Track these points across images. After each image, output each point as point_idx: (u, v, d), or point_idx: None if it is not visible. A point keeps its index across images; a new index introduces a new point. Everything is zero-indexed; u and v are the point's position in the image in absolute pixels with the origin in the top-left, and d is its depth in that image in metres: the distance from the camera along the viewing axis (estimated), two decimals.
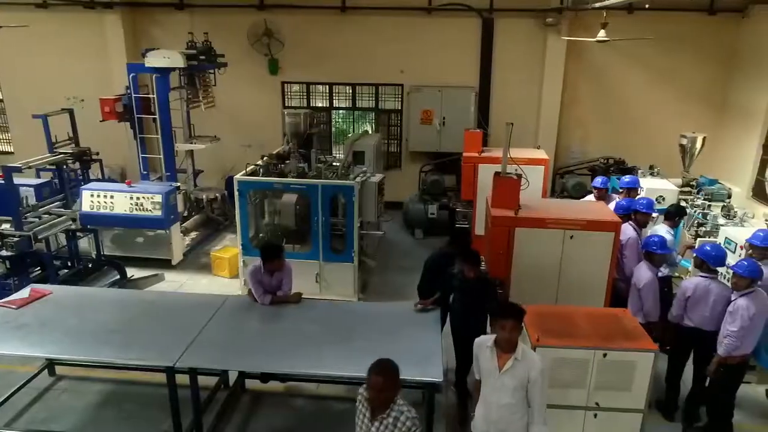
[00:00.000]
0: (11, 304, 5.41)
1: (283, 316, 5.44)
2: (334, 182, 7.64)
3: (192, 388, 4.77)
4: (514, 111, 11.40)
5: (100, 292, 6.37)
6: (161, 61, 9.32)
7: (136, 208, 8.62)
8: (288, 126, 9.09)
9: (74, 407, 5.71)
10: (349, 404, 5.82)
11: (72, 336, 4.99)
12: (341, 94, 12.17)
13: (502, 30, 11.07)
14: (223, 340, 4.98)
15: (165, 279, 7.68)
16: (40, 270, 7.23)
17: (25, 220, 6.80)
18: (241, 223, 7.84)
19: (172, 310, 5.53)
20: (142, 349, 4.83)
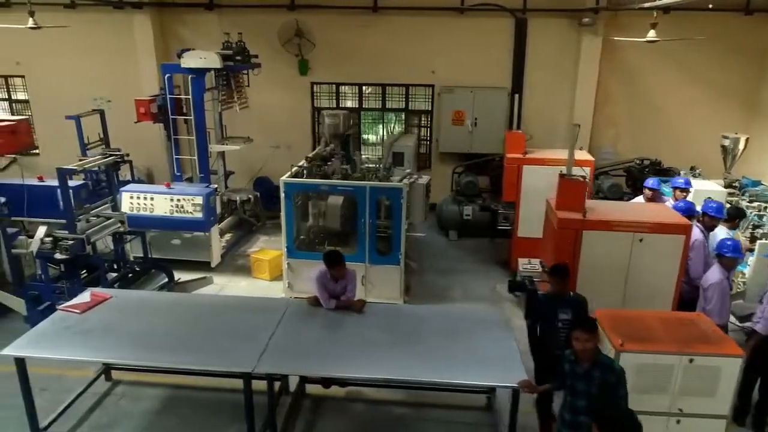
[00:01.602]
0: (74, 308, 5.35)
1: (347, 321, 5.38)
2: (382, 184, 7.57)
3: (269, 394, 4.70)
4: (546, 111, 11.41)
5: (159, 296, 6.32)
6: (197, 61, 9.25)
7: (176, 210, 8.55)
8: (327, 127, 9.01)
9: (134, 413, 5.64)
10: (408, 409, 5.81)
11: (140, 341, 4.94)
12: (371, 94, 12.09)
13: (535, 30, 11.00)
14: (294, 345, 4.92)
15: (213, 282, 7.60)
16: (86, 273, 7.17)
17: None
18: (286, 226, 7.76)
19: (235, 315, 5.46)
20: (214, 354, 4.76)
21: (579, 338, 3.91)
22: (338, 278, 5.55)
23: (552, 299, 4.98)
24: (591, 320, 4.12)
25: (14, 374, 6.06)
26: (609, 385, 3.91)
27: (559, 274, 4.88)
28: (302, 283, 7.89)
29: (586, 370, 3.98)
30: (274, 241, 10.50)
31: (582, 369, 4.00)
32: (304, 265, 7.91)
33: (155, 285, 7.22)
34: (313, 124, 12.40)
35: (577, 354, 3.99)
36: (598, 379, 3.93)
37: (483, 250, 10.16)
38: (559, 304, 4.89)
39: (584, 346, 3.91)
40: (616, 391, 3.92)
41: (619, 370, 3.98)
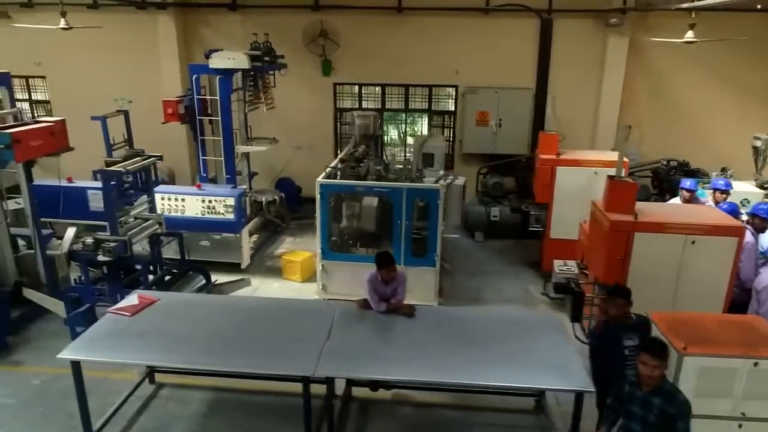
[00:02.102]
0: (124, 311, 5.31)
1: (398, 324, 5.35)
2: (420, 185, 7.55)
3: (327, 398, 4.67)
4: (570, 112, 11.36)
5: (205, 299, 6.28)
6: (225, 62, 9.21)
7: (208, 211, 8.55)
8: (357, 127, 8.97)
9: (182, 416, 5.60)
10: (457, 412, 5.77)
11: (193, 344, 4.90)
12: (393, 95, 12.05)
13: (560, 30, 10.96)
14: (349, 348, 4.88)
15: (251, 284, 7.57)
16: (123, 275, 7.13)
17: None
18: (321, 227, 7.72)
19: (285, 317, 5.43)
20: (270, 357, 4.73)
21: (647, 363, 3.68)
22: (388, 280, 5.51)
23: (614, 325, 4.55)
24: (661, 344, 3.86)
25: (58, 377, 6.10)
26: (668, 415, 3.69)
27: (624, 294, 4.50)
28: (336, 284, 7.89)
29: (646, 394, 3.76)
30: (300, 243, 10.49)
31: (642, 393, 3.79)
32: (338, 267, 7.90)
33: (193, 287, 7.19)
34: (335, 124, 12.37)
35: (640, 378, 3.79)
36: (657, 408, 3.71)
37: (510, 251, 10.13)
38: (623, 330, 4.50)
39: (651, 373, 3.68)
40: (673, 422, 3.69)
41: (682, 401, 3.72)
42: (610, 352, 4.49)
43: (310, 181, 12.27)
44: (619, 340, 4.47)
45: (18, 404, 5.71)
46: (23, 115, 6.91)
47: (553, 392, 5.54)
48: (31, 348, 6.73)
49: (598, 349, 4.62)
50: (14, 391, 5.90)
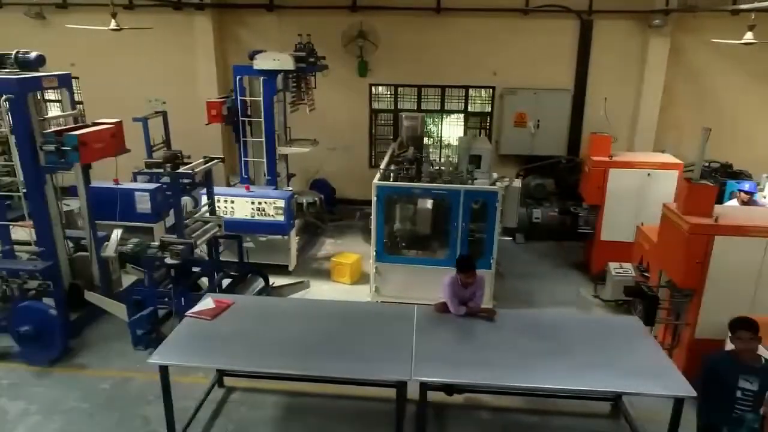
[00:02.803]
0: (204, 315, 5.27)
1: (478, 328, 5.31)
2: (478, 187, 7.51)
3: (420, 403, 4.63)
4: (609, 113, 11.30)
5: (279, 302, 6.25)
6: (270, 63, 9.16)
7: (257, 213, 8.51)
8: (405, 129, 8.93)
9: (258, 421, 5.56)
10: (533, 417, 5.73)
11: (279, 348, 4.90)
12: (429, 96, 12.01)
13: (600, 31, 10.93)
14: (438, 352, 4.85)
15: (310, 286, 7.52)
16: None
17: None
18: (377, 229, 7.68)
19: (364, 321, 5.39)
20: (359, 361, 4.70)
21: None
22: (467, 284, 5.47)
23: (735, 360, 4.07)
24: None
25: (125, 380, 6.09)
26: None
27: (749, 326, 3.98)
28: (389, 287, 7.85)
29: None
30: (341, 244, 10.46)
31: None
32: (392, 269, 7.86)
33: (253, 290, 7.14)
34: (370, 125, 12.33)
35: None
36: None
37: (553, 253, 10.09)
38: (742, 368, 4.01)
39: None
40: None
41: None
42: (720, 387, 4.07)
43: (344, 182, 12.36)
44: (735, 376, 4.01)
45: (92, 409, 5.67)
46: (84, 117, 6.83)
47: (630, 397, 5.51)
48: (93, 351, 6.69)
49: (713, 379, 4.12)
50: (86, 396, 5.85)
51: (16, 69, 6.53)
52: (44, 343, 6.23)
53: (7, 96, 5.95)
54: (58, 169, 6.55)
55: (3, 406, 5.69)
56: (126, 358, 6.54)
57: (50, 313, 6.21)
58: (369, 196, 12.38)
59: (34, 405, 5.70)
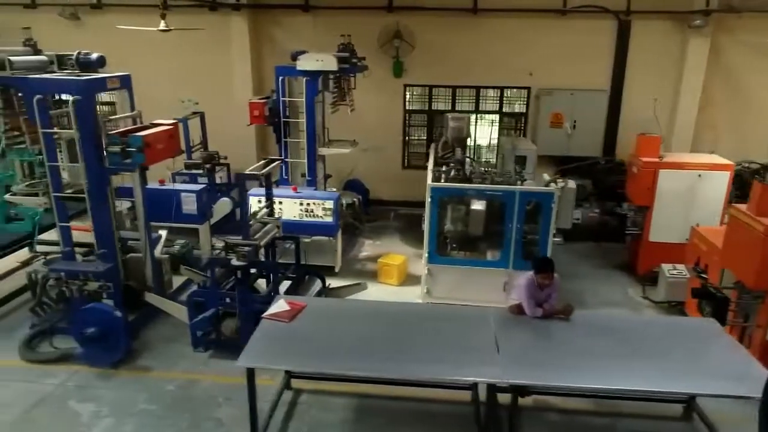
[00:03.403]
0: (281, 317, 5.26)
1: (554, 330, 5.29)
2: (534, 189, 7.50)
3: (512, 406, 4.61)
4: (646, 113, 11.27)
5: (351, 304, 6.26)
6: (313, 63, 9.14)
7: (306, 215, 8.49)
8: (451, 130, 8.90)
9: (330, 423, 5.54)
10: (604, 419, 5.70)
11: (359, 349, 4.90)
12: (464, 97, 11.99)
13: (638, 32, 10.90)
14: (522, 354, 4.83)
15: (367, 288, 7.50)
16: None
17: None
18: (430, 230, 7.66)
19: (438, 323, 5.35)
20: (442, 363, 4.69)
21: None
22: (544, 286, 5.46)
23: None
24: None
25: (190, 382, 6.08)
26: None
27: None
28: (441, 288, 7.83)
29: None
30: (379, 245, 10.44)
31: None
32: (443, 271, 7.85)
33: (312, 291, 7.12)
34: (404, 126, 12.31)
35: None
36: None
37: (594, 254, 10.07)
38: None
39: None
40: None
41: None
42: None
43: (377, 183, 12.34)
44: None
45: (161, 411, 5.65)
46: (142, 118, 6.83)
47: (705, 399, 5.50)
48: (153, 353, 6.68)
49: None
50: (153, 398, 5.84)
51: (76, 70, 6.51)
52: (108, 345, 6.22)
53: (75, 97, 5.93)
54: (121, 170, 6.53)
55: (74, 408, 5.68)
56: (188, 360, 6.53)
57: (115, 315, 6.20)
58: (402, 197, 12.57)
59: (104, 407, 5.68)
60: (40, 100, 5.95)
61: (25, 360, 6.42)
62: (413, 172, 12.56)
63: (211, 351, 6.68)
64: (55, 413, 5.59)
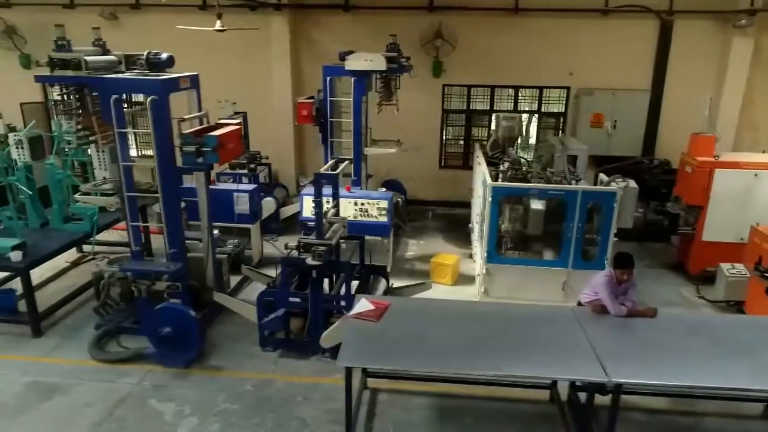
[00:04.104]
0: (368, 317, 5.25)
1: (639, 328, 5.28)
2: (596, 188, 7.51)
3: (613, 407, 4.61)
4: (686, 113, 11.27)
5: (429, 303, 6.22)
6: (362, 63, 9.15)
7: (360, 215, 8.48)
8: (503, 130, 8.92)
9: (414, 422, 5.53)
10: (689, 418, 5.70)
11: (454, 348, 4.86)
12: (502, 96, 12.00)
13: (680, 31, 10.90)
14: (619, 353, 4.81)
15: (431, 287, 7.50)
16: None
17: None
18: (490, 230, 7.66)
19: (525, 322, 5.34)
20: (537, 362, 4.68)
21: None
22: (622, 282, 5.46)
23: None
24: None
25: (266, 382, 6.10)
26: None
27: None
28: (498, 288, 7.83)
29: None
30: (423, 245, 10.45)
31: None
32: (500, 270, 7.85)
33: (379, 291, 7.11)
34: (442, 126, 12.32)
35: None
36: None
37: (640, 253, 9.91)
38: None
39: None
40: None
41: None
42: None
43: (414, 183, 12.33)
44: None
45: (244, 410, 5.64)
46: (209, 118, 6.83)
47: None
48: (222, 352, 6.67)
49: None
50: (232, 397, 5.83)
51: (146, 70, 6.50)
52: (182, 345, 6.21)
53: (152, 97, 5.93)
54: (194, 170, 6.53)
55: (155, 407, 5.68)
56: (258, 359, 6.54)
57: (190, 315, 6.19)
58: (439, 197, 12.58)
59: (185, 407, 5.68)
60: (116, 99, 5.96)
61: (96, 360, 6.42)
62: (450, 171, 12.60)
63: (279, 350, 6.69)
64: (139, 412, 5.59)
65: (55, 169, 7.86)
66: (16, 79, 12.39)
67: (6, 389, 5.92)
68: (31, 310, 6.86)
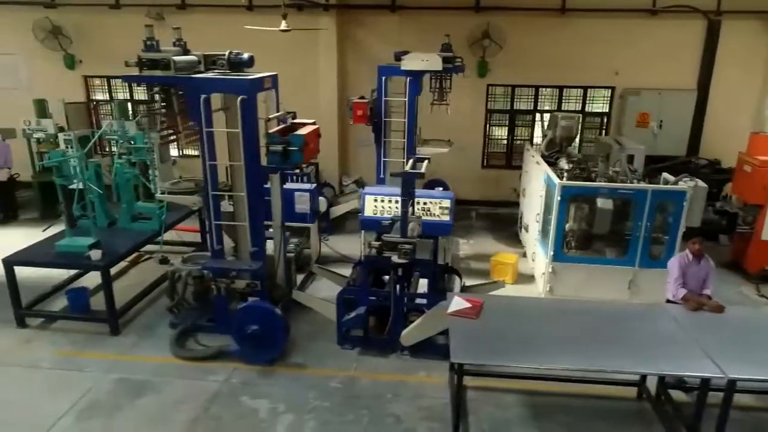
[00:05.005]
0: (467, 314, 5.29)
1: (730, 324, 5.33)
2: (666, 187, 7.54)
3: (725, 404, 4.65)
4: (732, 113, 11.34)
5: (521, 301, 6.25)
6: (419, 63, 9.18)
7: (423, 214, 8.48)
8: (561, 130, 8.96)
9: (509, 419, 5.56)
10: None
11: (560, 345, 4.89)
12: (546, 96, 12.04)
13: (727, 31, 10.95)
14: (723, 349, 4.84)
15: (505, 286, 7.54)
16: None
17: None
18: (557, 229, 7.70)
19: (619, 320, 5.39)
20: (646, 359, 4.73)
21: None
22: (696, 254, 5.72)
23: None
24: None
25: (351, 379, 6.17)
26: None
27: None
28: (564, 287, 7.87)
29: None
30: (474, 244, 10.50)
31: None
32: (566, 269, 7.89)
33: (456, 289, 7.14)
34: (485, 126, 12.36)
35: None
36: None
37: None
38: None
39: None
40: None
41: None
42: None
43: (456, 182, 12.34)
44: None
45: (336, 407, 5.68)
46: (295, 116, 6.87)
47: None
48: (301, 350, 6.70)
49: None
50: (322, 395, 5.87)
51: (227, 69, 6.54)
52: (267, 343, 6.25)
53: (242, 96, 5.97)
54: (278, 170, 6.58)
55: (248, 404, 5.72)
56: (338, 357, 6.58)
57: (276, 313, 6.24)
58: (481, 197, 12.60)
59: (278, 404, 5.72)
60: (206, 99, 6.01)
61: (180, 358, 6.46)
62: (492, 171, 12.64)
63: (357, 348, 6.73)
64: (233, 410, 5.63)
65: (123, 168, 7.91)
66: (60, 79, 12.48)
67: (96, 387, 5.97)
68: (109, 309, 6.90)
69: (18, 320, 7.12)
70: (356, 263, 7.42)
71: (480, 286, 7.31)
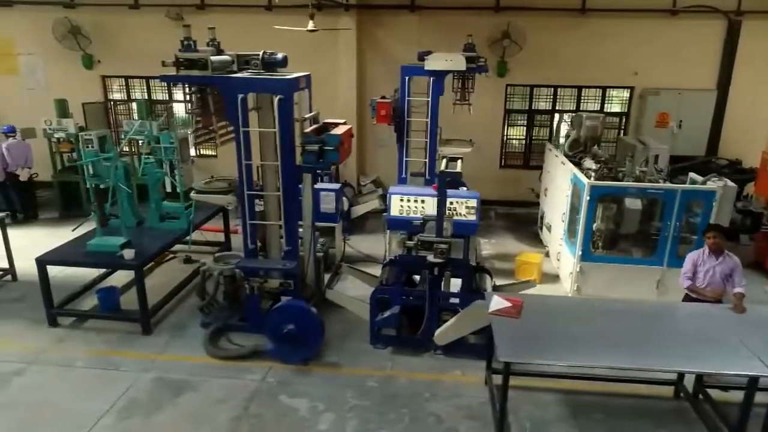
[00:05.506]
0: (509, 314, 5.31)
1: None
2: (695, 187, 7.56)
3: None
4: (752, 114, 11.36)
5: (552, 300, 6.27)
6: (442, 63, 9.19)
7: (450, 213, 8.49)
8: (585, 129, 8.98)
9: (550, 419, 5.57)
10: None
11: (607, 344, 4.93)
12: (565, 96, 12.06)
13: (748, 31, 10.96)
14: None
15: (536, 285, 7.56)
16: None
17: None
18: (585, 229, 7.71)
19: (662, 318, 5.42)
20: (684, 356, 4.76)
21: None
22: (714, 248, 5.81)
23: None
24: None
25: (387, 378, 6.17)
26: None
27: None
28: (592, 286, 7.89)
29: None
30: (495, 243, 10.52)
31: None
32: (594, 269, 7.90)
33: (488, 288, 7.15)
34: (503, 126, 12.38)
35: None
36: None
37: None
38: None
39: None
40: None
41: None
42: None
43: (474, 182, 12.29)
44: None
45: (376, 406, 5.69)
46: (319, 119, 6.89)
47: None
48: (335, 349, 6.71)
49: None
50: (360, 394, 5.89)
51: (260, 69, 6.56)
52: (303, 342, 6.27)
53: (279, 96, 5.99)
54: (313, 170, 6.60)
55: (288, 403, 5.73)
56: (371, 356, 6.60)
57: (312, 312, 6.25)
58: (499, 196, 12.61)
59: (318, 403, 5.73)
60: (243, 99, 6.02)
61: (215, 357, 6.47)
62: (510, 171, 12.66)
63: (390, 348, 6.75)
64: (273, 408, 5.65)
65: (152, 168, 7.93)
66: (78, 78, 12.50)
67: (135, 386, 5.98)
68: (142, 308, 6.92)
69: (50, 320, 7.15)
70: (386, 263, 7.43)
71: (512, 285, 7.32)
